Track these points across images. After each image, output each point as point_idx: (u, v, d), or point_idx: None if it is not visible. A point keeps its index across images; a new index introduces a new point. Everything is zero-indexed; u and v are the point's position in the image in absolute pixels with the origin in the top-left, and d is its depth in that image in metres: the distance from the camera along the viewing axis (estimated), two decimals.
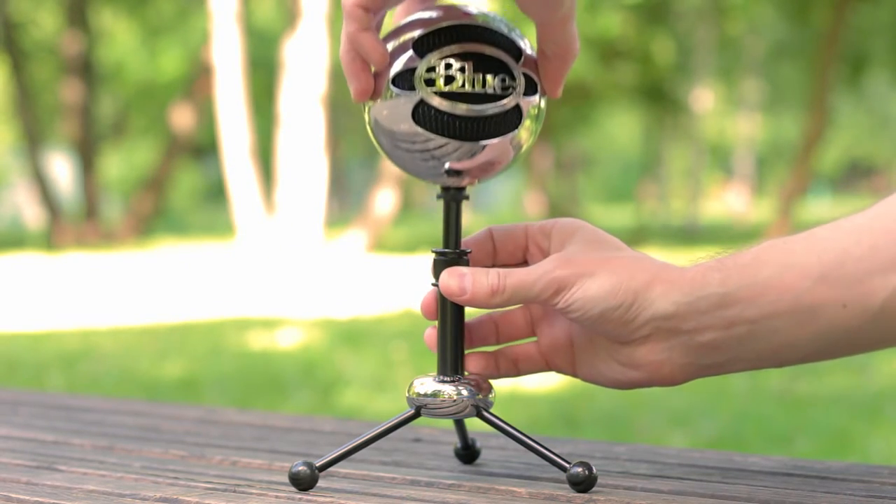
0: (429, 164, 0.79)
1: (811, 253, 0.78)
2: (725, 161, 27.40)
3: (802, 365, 0.82)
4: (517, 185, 26.09)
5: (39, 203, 15.57)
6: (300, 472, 0.78)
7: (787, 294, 0.78)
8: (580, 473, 0.77)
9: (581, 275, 0.79)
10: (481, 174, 0.80)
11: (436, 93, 0.77)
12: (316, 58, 10.85)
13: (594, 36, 14.42)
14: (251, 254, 11.02)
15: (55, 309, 7.03)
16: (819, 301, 0.77)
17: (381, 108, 0.78)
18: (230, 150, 11.35)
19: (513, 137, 0.78)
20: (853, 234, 0.78)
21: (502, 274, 0.79)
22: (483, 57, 0.77)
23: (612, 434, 3.54)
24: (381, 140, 0.79)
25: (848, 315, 0.77)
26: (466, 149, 0.78)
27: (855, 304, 0.77)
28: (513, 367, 0.86)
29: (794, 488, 0.79)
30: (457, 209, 0.81)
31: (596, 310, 0.78)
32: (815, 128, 13.79)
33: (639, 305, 0.78)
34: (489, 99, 0.77)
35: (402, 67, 0.77)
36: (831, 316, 0.78)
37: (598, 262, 0.79)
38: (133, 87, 19.24)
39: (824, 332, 0.78)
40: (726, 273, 0.78)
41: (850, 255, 0.77)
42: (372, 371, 4.72)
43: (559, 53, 0.79)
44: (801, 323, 0.78)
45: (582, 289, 0.78)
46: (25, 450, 0.94)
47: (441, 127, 0.77)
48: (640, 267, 0.79)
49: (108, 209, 20.72)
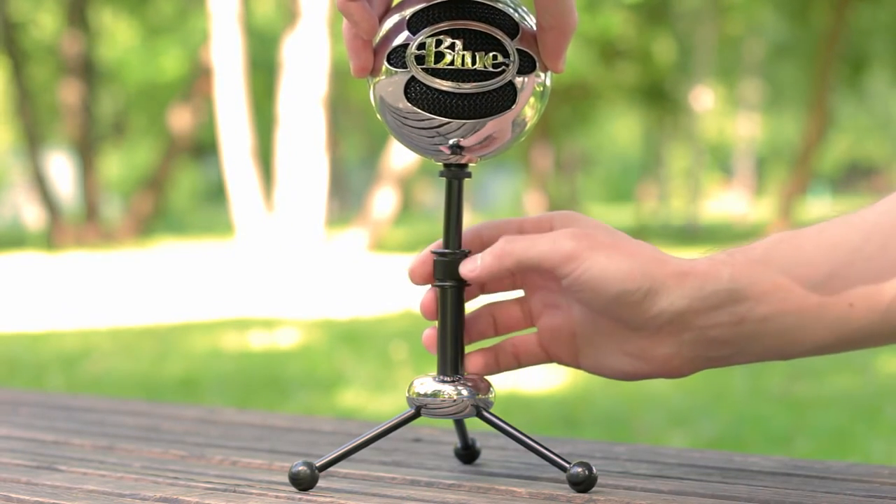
0: (429, 141, 0.78)
1: (820, 249, 0.78)
2: (725, 161, 27.41)
3: (802, 365, 0.82)
4: (517, 184, 26.08)
5: (39, 203, 15.57)
6: (300, 472, 0.78)
7: (795, 292, 0.78)
8: (580, 473, 0.77)
9: (594, 248, 0.78)
10: (481, 151, 0.79)
11: (425, 70, 0.76)
12: (316, 58, 10.85)
13: (594, 35, 14.42)
14: (251, 254, 11.02)
15: (55, 309, 7.03)
16: (827, 300, 0.77)
17: (382, 85, 0.78)
18: (230, 150, 11.35)
19: (512, 114, 0.78)
20: (863, 232, 0.78)
21: (507, 239, 0.79)
22: (475, 33, 0.76)
23: (612, 434, 3.53)
24: (385, 117, 0.79)
25: (855, 313, 0.78)
26: (465, 126, 0.77)
27: (862, 303, 0.77)
28: (513, 361, 0.85)
29: (794, 488, 0.79)
30: (458, 187, 0.81)
31: (612, 290, 0.78)
32: (815, 128, 13.80)
33: (655, 293, 0.78)
34: (480, 76, 0.76)
35: (397, 43, 0.77)
36: (838, 314, 0.78)
37: (612, 243, 0.79)
38: (133, 87, 19.24)
39: (831, 329, 0.78)
40: (737, 268, 0.78)
41: (859, 253, 0.77)
42: (372, 371, 4.72)
43: (556, 25, 0.78)
44: (809, 320, 0.78)
45: (598, 265, 0.77)
46: (25, 450, 0.94)
47: (432, 105, 0.77)
48: (653, 255, 0.79)
49: (108, 209, 20.72)
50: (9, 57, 15.40)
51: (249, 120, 11.32)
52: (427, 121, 0.77)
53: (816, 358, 0.83)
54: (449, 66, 0.76)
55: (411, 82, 0.77)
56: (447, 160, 0.80)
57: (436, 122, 0.77)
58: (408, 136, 0.79)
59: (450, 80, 0.76)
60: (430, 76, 0.76)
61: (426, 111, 0.77)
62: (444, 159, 0.80)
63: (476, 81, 0.76)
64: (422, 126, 0.78)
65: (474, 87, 0.76)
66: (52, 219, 15.09)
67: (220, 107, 11.37)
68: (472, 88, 0.76)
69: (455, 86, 0.76)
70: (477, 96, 0.77)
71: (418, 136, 0.78)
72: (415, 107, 0.77)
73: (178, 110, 15.34)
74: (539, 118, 0.80)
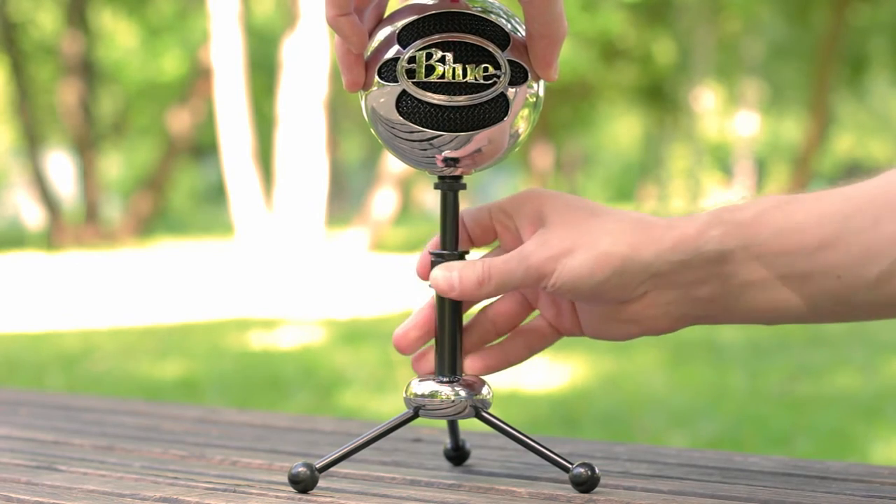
0: (422, 154, 0.78)
1: (811, 216, 0.78)
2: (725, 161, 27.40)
3: (802, 364, 0.82)
4: (517, 184, 26.09)
5: (39, 203, 15.57)
6: (300, 473, 0.78)
7: (783, 259, 0.78)
8: (583, 474, 0.77)
9: (559, 256, 0.78)
10: (476, 164, 0.79)
11: (416, 83, 0.76)
12: (316, 58, 10.85)
13: (594, 35, 14.42)
14: (251, 254, 11.02)
15: (55, 309, 7.03)
16: (815, 269, 0.77)
17: (374, 97, 0.78)
18: (230, 150, 11.35)
19: (505, 126, 0.78)
20: (856, 204, 0.78)
21: (486, 264, 0.79)
22: (466, 46, 0.76)
23: (612, 434, 3.53)
24: (378, 129, 0.79)
25: (842, 285, 0.77)
26: (458, 139, 0.77)
27: (850, 276, 0.77)
28: (524, 351, 0.85)
29: (794, 488, 0.79)
30: (454, 199, 0.81)
31: (586, 287, 0.78)
32: (815, 128, 13.80)
33: (629, 269, 0.78)
34: (471, 89, 0.76)
35: (387, 57, 0.77)
36: (826, 285, 0.78)
37: (574, 237, 0.79)
38: (133, 87, 19.23)
39: (817, 298, 0.78)
40: (725, 230, 0.78)
41: (850, 226, 0.77)
42: (372, 371, 4.72)
43: (546, 33, 0.77)
44: (795, 288, 0.78)
45: (565, 270, 0.78)
46: (25, 450, 0.94)
47: (423, 118, 0.77)
48: (620, 229, 0.79)
49: (108, 209, 20.72)
50: (9, 57, 15.39)
51: (249, 120, 11.32)
52: (419, 133, 0.77)
53: (816, 358, 0.84)
54: (440, 80, 0.76)
55: (403, 96, 0.77)
56: (441, 172, 0.80)
57: (428, 134, 0.77)
58: (400, 148, 0.79)
59: (441, 93, 0.76)
60: (421, 90, 0.76)
61: (418, 124, 0.77)
62: (437, 172, 0.80)
63: (468, 94, 0.76)
64: (414, 139, 0.78)
65: (466, 100, 0.76)
66: (52, 219, 15.08)
67: (220, 107, 11.37)
68: (464, 101, 0.76)
69: (447, 99, 0.76)
70: (469, 109, 0.77)
71: (411, 149, 0.78)
72: (406, 120, 0.77)
73: (176, 111, 15.34)
74: (532, 128, 0.80)
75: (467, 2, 0.78)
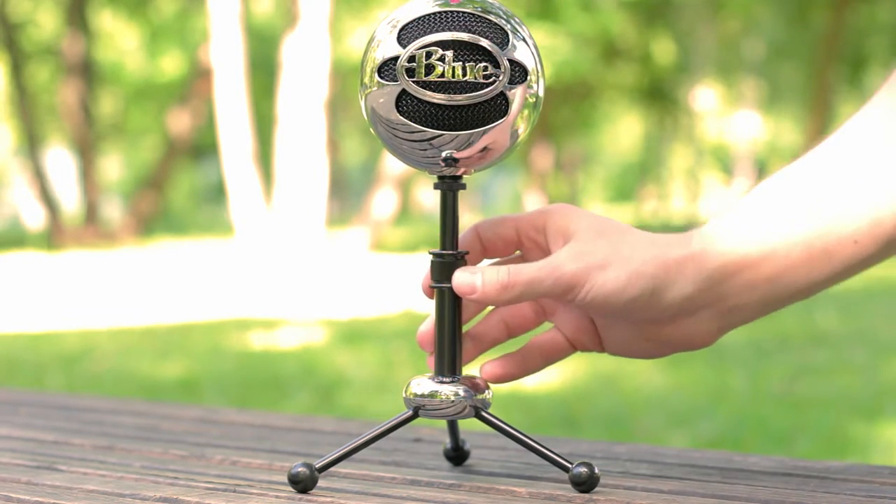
0: (423, 154, 0.78)
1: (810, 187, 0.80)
2: (725, 161, 27.41)
3: (802, 364, 0.83)
4: (517, 185, 26.08)
5: (39, 203, 15.57)
6: (300, 472, 0.78)
7: (799, 245, 0.79)
8: (583, 473, 0.77)
9: (592, 269, 0.78)
10: (476, 164, 0.79)
11: (416, 82, 0.76)
12: (316, 58, 10.85)
13: (594, 35, 14.41)
14: (251, 254, 11.02)
15: (55, 309, 7.03)
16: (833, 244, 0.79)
17: (373, 97, 0.78)
18: (230, 150, 11.35)
19: (505, 125, 0.78)
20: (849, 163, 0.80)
21: (513, 271, 0.79)
22: (465, 45, 0.76)
23: (612, 434, 3.53)
24: (378, 129, 0.79)
25: (859, 249, 0.80)
26: (458, 138, 0.77)
27: (867, 238, 0.79)
28: (541, 361, 0.85)
29: (794, 488, 0.79)
30: (453, 199, 0.81)
31: (618, 302, 0.78)
32: (815, 127, 13.80)
33: (661, 289, 0.78)
34: (471, 88, 0.76)
35: (387, 56, 0.77)
36: (845, 254, 0.80)
37: (608, 252, 0.79)
38: (133, 88, 19.23)
39: (838, 269, 0.80)
40: (734, 235, 0.79)
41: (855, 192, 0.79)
42: (372, 371, 4.72)
43: None
44: (817, 265, 0.80)
45: (597, 285, 0.78)
46: (25, 450, 0.94)
47: (423, 117, 0.77)
48: (651, 251, 0.79)
49: (109, 209, 20.72)
50: (9, 57, 15.40)
51: (249, 120, 11.32)
52: (419, 133, 0.77)
53: (817, 358, 0.85)
54: (440, 79, 0.76)
55: (402, 95, 0.77)
56: (441, 172, 0.80)
57: (428, 134, 0.77)
58: (400, 148, 0.79)
59: (441, 92, 0.76)
60: (421, 88, 0.76)
61: (418, 123, 0.77)
62: (437, 172, 0.80)
63: (467, 93, 0.76)
64: (414, 138, 0.77)
65: (466, 99, 0.76)
66: (52, 218, 15.09)
67: (220, 107, 11.37)
68: (464, 100, 0.76)
69: (446, 98, 0.76)
70: (469, 108, 0.76)
71: (411, 149, 0.78)
72: (406, 119, 0.77)
73: (177, 111, 15.34)
74: (532, 128, 0.80)
75: (467, 1, 0.78)
